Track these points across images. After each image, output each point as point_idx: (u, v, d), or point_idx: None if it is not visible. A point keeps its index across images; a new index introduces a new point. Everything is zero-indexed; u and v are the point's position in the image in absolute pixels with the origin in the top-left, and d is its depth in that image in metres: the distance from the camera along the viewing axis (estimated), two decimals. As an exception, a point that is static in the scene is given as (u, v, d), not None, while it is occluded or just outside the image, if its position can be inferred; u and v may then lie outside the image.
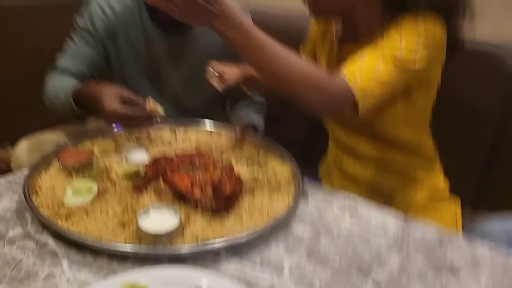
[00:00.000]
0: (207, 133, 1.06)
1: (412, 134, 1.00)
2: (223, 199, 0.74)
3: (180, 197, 0.77)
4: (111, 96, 0.88)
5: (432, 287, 0.64)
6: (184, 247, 0.65)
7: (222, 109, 1.34)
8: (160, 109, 0.89)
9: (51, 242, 0.67)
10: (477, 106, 1.22)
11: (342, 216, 0.80)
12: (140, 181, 0.81)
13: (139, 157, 0.91)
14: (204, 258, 0.66)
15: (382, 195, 1.03)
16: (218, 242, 0.66)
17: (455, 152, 1.27)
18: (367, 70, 0.78)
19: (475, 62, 1.17)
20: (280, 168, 0.92)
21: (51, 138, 1.15)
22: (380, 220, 0.80)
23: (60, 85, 1.08)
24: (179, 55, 1.18)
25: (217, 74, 0.98)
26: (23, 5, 1.68)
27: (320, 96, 0.75)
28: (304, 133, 1.55)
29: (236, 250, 0.68)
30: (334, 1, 0.89)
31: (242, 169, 0.90)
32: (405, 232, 0.77)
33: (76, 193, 0.76)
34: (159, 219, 0.68)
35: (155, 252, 0.64)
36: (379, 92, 0.79)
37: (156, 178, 0.82)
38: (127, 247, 0.64)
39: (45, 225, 0.69)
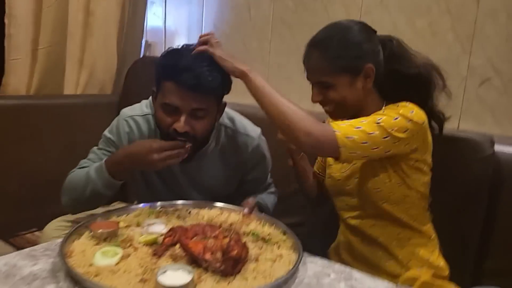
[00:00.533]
0: (218, 211, 1.18)
1: (412, 216, 1.12)
2: (231, 262, 0.85)
3: (193, 261, 0.88)
4: (146, 142, 1.13)
5: None
6: (195, 300, 0.75)
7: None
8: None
9: (80, 296, 0.77)
10: (464, 191, 1.34)
11: (337, 282, 0.89)
12: (159, 248, 0.93)
13: (158, 228, 1.03)
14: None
15: (388, 274, 1.11)
16: (224, 298, 0.76)
17: (451, 236, 1.36)
18: (350, 123, 0.98)
19: (458, 149, 1.33)
20: (282, 240, 1.03)
21: (77, 219, 1.29)
22: (373, 286, 0.88)
23: (85, 170, 1.18)
24: (193, 174, 1.30)
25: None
26: (62, 103, 1.96)
27: (307, 134, 0.96)
28: (311, 219, 1.66)
29: (241, 305, 0.77)
30: (355, 102, 1.09)
31: (248, 240, 1.01)
32: (394, 295, 0.85)
33: (104, 255, 0.87)
34: (174, 276, 0.79)
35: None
36: (360, 138, 0.96)
37: (172, 245, 0.94)
38: (146, 299, 0.74)
39: (76, 282, 0.80)
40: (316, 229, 1.50)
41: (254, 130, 1.35)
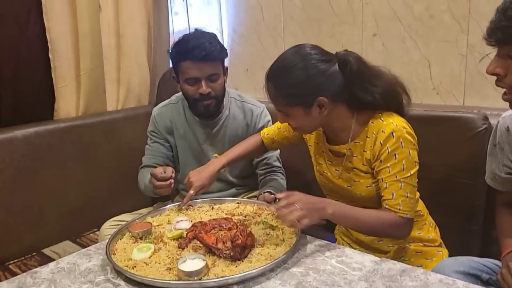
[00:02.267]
0: (236, 205, 1.38)
1: None
2: (238, 249, 1.04)
3: (210, 250, 1.08)
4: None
5: (384, 303, 0.86)
6: (208, 281, 0.95)
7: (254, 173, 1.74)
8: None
9: (123, 283, 1.00)
10: (465, 167, 1.43)
11: (329, 259, 1.05)
12: (183, 241, 1.14)
13: (184, 225, 1.24)
14: (221, 289, 0.95)
15: (381, 252, 1.25)
16: (230, 277, 0.95)
17: (457, 210, 1.47)
18: (401, 196, 1.11)
19: (451, 128, 1.42)
20: (287, 227, 1.20)
21: (124, 219, 1.54)
22: (360, 261, 1.04)
23: (143, 176, 1.61)
24: (214, 137, 1.66)
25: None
26: (102, 120, 2.20)
27: (392, 233, 1.17)
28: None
29: (244, 283, 0.96)
30: (315, 125, 1.20)
31: (259, 228, 1.19)
32: (377, 266, 1.00)
33: (139, 251, 1.10)
34: (192, 264, 0.99)
35: (187, 284, 0.95)
36: (413, 194, 1.13)
37: (194, 238, 1.15)
38: (171, 283, 0.95)
39: (119, 272, 1.03)
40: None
41: (259, 103, 1.71)
